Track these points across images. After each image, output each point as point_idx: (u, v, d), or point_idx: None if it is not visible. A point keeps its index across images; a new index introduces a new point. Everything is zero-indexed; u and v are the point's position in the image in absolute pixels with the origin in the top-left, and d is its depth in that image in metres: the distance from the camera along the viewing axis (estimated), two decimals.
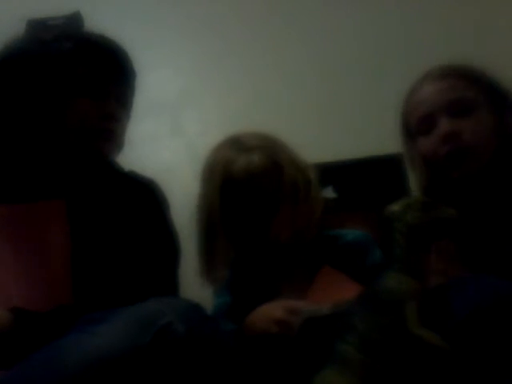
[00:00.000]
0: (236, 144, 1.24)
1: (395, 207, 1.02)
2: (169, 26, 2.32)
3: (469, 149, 1.27)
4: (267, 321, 1.07)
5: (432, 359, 0.92)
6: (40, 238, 1.11)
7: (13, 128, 1.22)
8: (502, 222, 1.22)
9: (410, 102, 1.37)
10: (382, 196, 2.00)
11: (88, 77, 1.21)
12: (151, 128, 2.15)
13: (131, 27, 2.29)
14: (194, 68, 2.30)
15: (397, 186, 2.11)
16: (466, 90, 1.31)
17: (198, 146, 1.29)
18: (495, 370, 0.90)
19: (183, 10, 2.33)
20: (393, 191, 2.07)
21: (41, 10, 2.23)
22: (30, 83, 1.21)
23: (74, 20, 2.28)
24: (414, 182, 2.10)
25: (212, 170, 1.25)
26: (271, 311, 1.08)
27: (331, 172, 2.13)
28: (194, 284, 1.27)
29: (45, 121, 1.20)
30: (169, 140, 2.20)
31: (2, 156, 1.23)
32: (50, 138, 1.20)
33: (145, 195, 1.25)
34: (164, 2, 2.36)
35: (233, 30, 2.31)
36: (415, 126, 1.34)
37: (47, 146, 1.20)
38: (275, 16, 2.33)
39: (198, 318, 0.93)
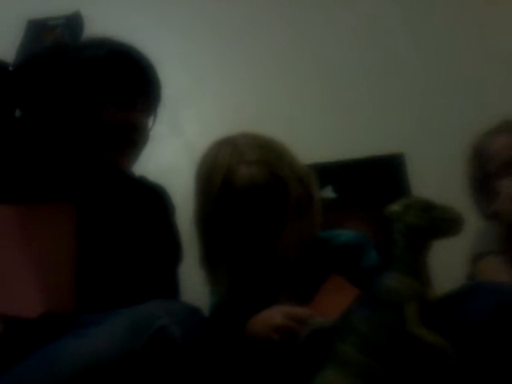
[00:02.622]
0: (235, 153, 1.19)
1: (395, 207, 1.02)
2: (168, 26, 2.32)
3: None
4: (267, 328, 1.05)
5: (433, 359, 0.91)
6: (46, 240, 1.10)
7: (34, 129, 1.21)
8: None
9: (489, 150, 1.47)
10: (382, 196, 2.01)
11: (116, 86, 1.20)
12: None
13: (130, 27, 2.29)
14: (194, 68, 2.30)
15: (397, 186, 2.11)
16: None
17: (197, 145, 1.28)
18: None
19: (183, 10, 2.33)
20: (393, 191, 2.07)
21: (41, 10, 2.23)
22: (61, 87, 1.20)
23: (74, 20, 2.28)
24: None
25: (210, 176, 1.20)
26: (271, 318, 1.06)
27: (331, 172, 2.13)
28: (195, 286, 1.27)
29: (70, 125, 1.20)
30: (168, 140, 2.20)
31: (12, 156, 1.21)
32: (70, 141, 1.20)
33: (153, 201, 1.25)
34: (163, 3, 2.36)
35: (233, 29, 2.31)
36: (496, 169, 1.43)
37: (65, 149, 1.20)
38: (275, 16, 2.33)
39: (196, 322, 0.91)
